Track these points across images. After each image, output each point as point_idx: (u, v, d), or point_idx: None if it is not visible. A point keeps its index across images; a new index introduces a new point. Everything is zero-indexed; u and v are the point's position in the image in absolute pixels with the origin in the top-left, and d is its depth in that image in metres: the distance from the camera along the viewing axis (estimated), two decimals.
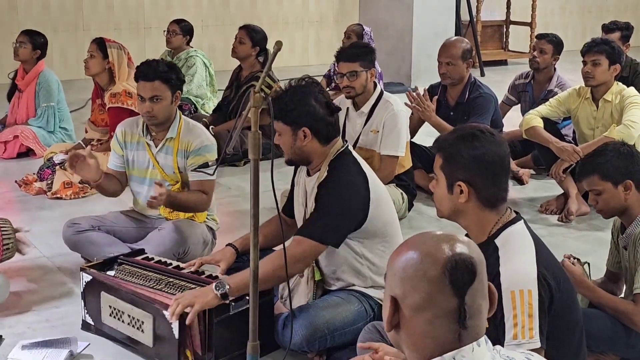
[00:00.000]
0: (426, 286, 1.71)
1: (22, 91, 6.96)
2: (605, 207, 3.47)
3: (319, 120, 3.43)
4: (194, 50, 8.10)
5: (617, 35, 7.09)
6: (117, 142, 4.45)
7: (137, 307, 3.44)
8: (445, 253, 1.72)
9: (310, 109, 3.42)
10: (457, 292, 1.70)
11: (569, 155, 5.39)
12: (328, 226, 3.36)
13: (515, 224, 2.62)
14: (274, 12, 12.31)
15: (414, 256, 1.74)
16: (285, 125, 3.44)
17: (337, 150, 3.49)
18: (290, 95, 3.44)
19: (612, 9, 14.76)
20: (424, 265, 1.72)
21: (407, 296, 1.72)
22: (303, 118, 3.41)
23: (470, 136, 2.60)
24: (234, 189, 6.08)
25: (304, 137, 3.43)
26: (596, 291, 3.42)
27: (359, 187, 3.40)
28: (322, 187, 3.42)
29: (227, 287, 3.23)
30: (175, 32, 8.07)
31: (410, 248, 1.77)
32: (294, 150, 3.48)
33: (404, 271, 1.74)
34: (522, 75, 6.75)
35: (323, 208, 3.38)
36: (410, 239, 1.81)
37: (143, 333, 3.42)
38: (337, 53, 5.17)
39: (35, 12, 10.68)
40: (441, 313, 1.71)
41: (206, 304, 3.24)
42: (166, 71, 4.29)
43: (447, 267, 1.71)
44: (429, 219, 5.39)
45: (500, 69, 12.03)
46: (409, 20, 10.51)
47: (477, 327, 1.74)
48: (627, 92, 5.49)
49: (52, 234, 4.91)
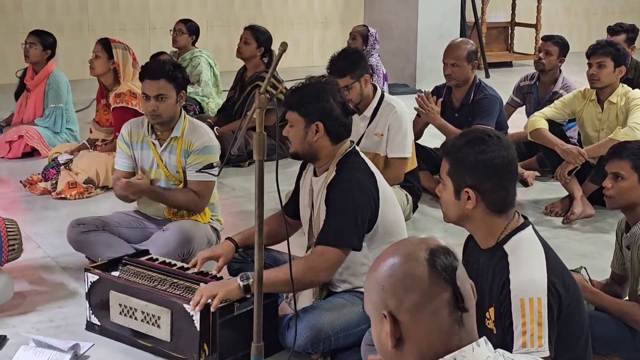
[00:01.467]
0: (419, 283, 1.71)
1: (30, 91, 6.96)
2: (618, 195, 3.45)
3: (334, 119, 3.44)
4: (198, 51, 8.12)
5: (623, 37, 7.09)
6: (124, 141, 4.45)
7: (153, 302, 3.44)
8: (423, 248, 1.74)
9: (327, 106, 3.43)
10: (448, 278, 1.72)
11: (573, 157, 5.38)
12: (347, 231, 3.34)
13: (524, 229, 2.61)
14: (278, 13, 12.32)
15: (396, 261, 1.75)
16: (299, 116, 3.44)
17: (345, 150, 3.49)
18: (309, 88, 3.46)
19: (617, 11, 14.74)
20: (409, 265, 1.73)
21: (403, 301, 1.72)
22: (319, 113, 3.42)
23: (477, 140, 2.58)
24: (239, 190, 6.08)
25: (315, 131, 3.43)
26: (599, 295, 3.41)
27: (369, 187, 3.40)
28: (331, 188, 3.41)
29: (251, 280, 3.22)
30: (182, 31, 8.10)
31: (386, 259, 1.77)
32: (302, 144, 3.47)
33: (392, 278, 1.74)
34: (527, 77, 6.74)
35: (337, 213, 3.36)
36: (380, 256, 1.81)
37: (159, 328, 3.43)
38: (328, 67, 4.97)
39: (41, 12, 10.70)
40: (440, 304, 1.71)
41: (229, 292, 3.25)
42: (172, 70, 4.29)
43: (429, 260, 1.72)
44: (433, 220, 5.39)
45: (505, 71, 12.02)
46: (414, 21, 10.50)
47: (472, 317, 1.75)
48: (633, 94, 5.48)
49: (56, 234, 4.91)
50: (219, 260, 3.66)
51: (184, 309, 3.34)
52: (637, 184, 3.41)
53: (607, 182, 3.51)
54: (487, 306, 2.60)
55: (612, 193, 3.48)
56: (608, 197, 3.51)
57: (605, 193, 3.53)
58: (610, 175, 3.51)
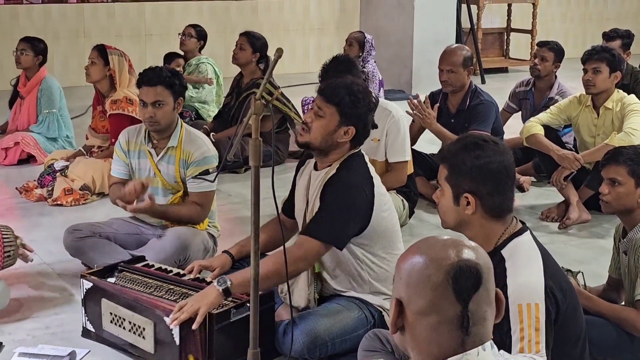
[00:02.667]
0: (430, 292, 1.71)
1: (23, 98, 6.97)
2: (615, 201, 3.46)
3: (365, 131, 3.47)
4: (205, 58, 8.18)
5: (618, 43, 7.10)
6: (121, 149, 4.45)
7: (138, 313, 3.43)
8: (451, 259, 1.72)
9: (368, 117, 3.46)
10: (461, 299, 1.70)
11: (569, 162, 5.39)
12: (332, 227, 3.34)
13: (522, 235, 2.61)
14: (275, 19, 12.33)
15: (420, 260, 1.74)
16: (337, 112, 3.41)
17: (352, 150, 3.51)
18: (362, 94, 3.44)
19: (613, 17, 14.77)
20: (428, 270, 1.72)
21: (411, 301, 1.73)
22: (358, 119, 3.43)
23: (474, 146, 2.59)
24: (235, 196, 6.08)
25: (344, 133, 3.42)
26: (594, 301, 3.41)
27: (365, 190, 3.40)
28: (328, 185, 3.41)
29: (229, 282, 3.20)
30: (191, 35, 8.15)
31: (417, 252, 1.76)
32: (325, 138, 3.43)
33: (409, 276, 1.74)
34: (523, 83, 6.75)
35: (328, 209, 3.36)
36: (419, 243, 1.80)
37: (144, 339, 3.42)
38: (320, 75, 4.91)
39: (37, 19, 10.70)
40: (444, 319, 1.71)
41: (210, 304, 3.22)
42: (169, 77, 4.29)
43: (450, 273, 1.70)
44: (429, 226, 5.39)
45: (501, 77, 12.04)
46: (410, 27, 10.51)
47: (482, 334, 1.74)
48: (628, 99, 5.49)
49: (52, 240, 4.91)
50: (215, 270, 3.66)
51: (165, 321, 3.31)
52: (633, 189, 3.42)
53: (603, 187, 3.52)
54: None
55: (609, 198, 3.48)
56: (605, 202, 3.52)
57: (602, 198, 3.53)
58: (607, 180, 3.51)
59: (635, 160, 3.46)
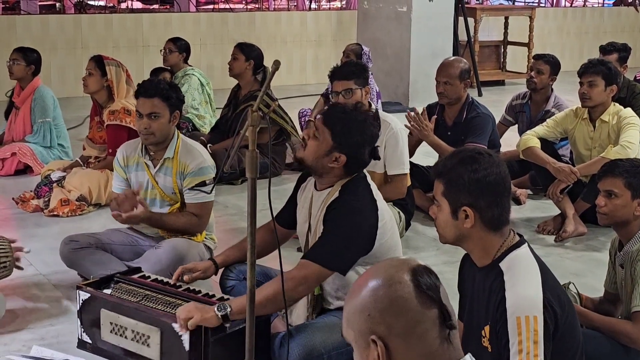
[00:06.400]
0: (406, 306, 1.69)
1: (18, 108, 6.98)
2: (611, 213, 3.46)
3: (359, 158, 3.41)
4: (190, 69, 8.13)
5: (615, 56, 7.12)
6: (120, 165, 4.46)
7: (143, 321, 3.42)
8: (404, 270, 1.72)
9: (362, 150, 3.39)
10: (434, 297, 1.70)
11: (566, 175, 5.40)
12: (335, 252, 3.31)
13: (520, 247, 2.62)
14: (272, 31, 12.36)
15: (379, 286, 1.71)
16: (330, 137, 3.37)
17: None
18: (353, 116, 3.40)
19: (609, 30, 14.83)
20: (393, 289, 1.70)
21: (392, 326, 1.69)
22: (348, 146, 3.37)
23: (469, 159, 2.60)
24: (231, 207, 6.07)
25: (335, 160, 3.38)
26: (588, 314, 3.41)
27: (368, 215, 3.36)
28: (331, 208, 3.38)
29: (228, 309, 3.20)
30: (171, 49, 8.12)
31: (366, 284, 1.73)
32: (316, 161, 3.40)
33: (379, 304, 1.70)
34: (520, 96, 6.77)
35: (331, 233, 3.33)
36: (358, 281, 1.76)
37: (149, 347, 3.40)
38: (331, 72, 5.14)
39: (34, 30, 10.72)
40: (429, 324, 1.70)
41: (205, 320, 3.21)
42: (167, 89, 4.30)
43: (413, 280, 1.71)
44: (426, 238, 5.39)
45: (498, 89, 12.07)
46: (407, 40, 10.54)
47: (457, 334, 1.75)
48: (624, 112, 5.51)
49: (48, 251, 4.90)
50: (196, 273, 3.68)
51: (173, 328, 3.31)
52: (630, 201, 3.43)
53: (600, 199, 3.52)
54: (483, 324, 2.60)
55: (606, 210, 3.49)
56: (601, 214, 3.52)
57: (599, 211, 3.54)
58: (604, 193, 3.52)
59: (632, 173, 3.47)
